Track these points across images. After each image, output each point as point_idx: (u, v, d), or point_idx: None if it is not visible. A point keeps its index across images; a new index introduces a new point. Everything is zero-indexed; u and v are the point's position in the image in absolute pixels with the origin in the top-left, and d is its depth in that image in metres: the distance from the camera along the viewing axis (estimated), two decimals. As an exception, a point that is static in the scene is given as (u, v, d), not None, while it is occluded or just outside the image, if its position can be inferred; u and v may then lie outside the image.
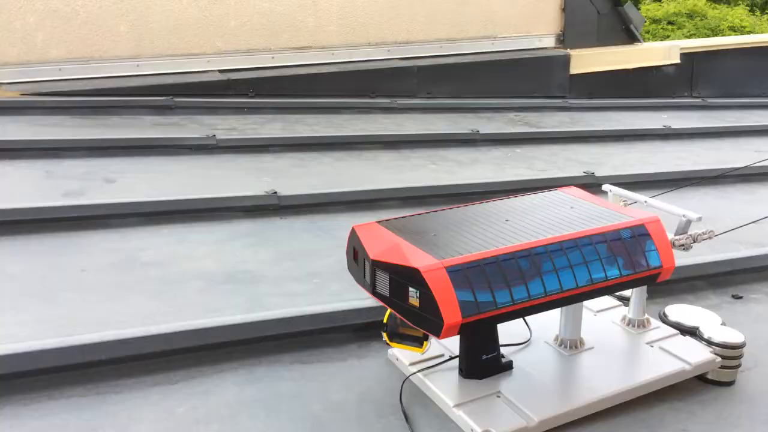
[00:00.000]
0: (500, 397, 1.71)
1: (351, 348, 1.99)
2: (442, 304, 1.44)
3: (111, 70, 5.43)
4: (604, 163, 4.56)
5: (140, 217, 2.89)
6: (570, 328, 1.91)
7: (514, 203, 1.87)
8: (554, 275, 1.57)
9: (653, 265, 1.70)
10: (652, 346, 1.93)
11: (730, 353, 1.91)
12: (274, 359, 1.90)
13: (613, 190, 2.06)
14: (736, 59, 7.63)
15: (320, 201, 3.17)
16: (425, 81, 6.30)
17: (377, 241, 1.62)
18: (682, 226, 1.87)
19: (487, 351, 1.76)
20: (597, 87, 7.06)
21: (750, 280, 2.69)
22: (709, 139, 5.53)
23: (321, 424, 1.63)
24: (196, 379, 1.78)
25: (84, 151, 3.82)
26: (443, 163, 4.33)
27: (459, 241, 1.60)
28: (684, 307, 2.14)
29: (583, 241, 1.63)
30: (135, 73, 5.49)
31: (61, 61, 5.34)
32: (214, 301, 2.21)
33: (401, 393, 1.76)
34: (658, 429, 1.71)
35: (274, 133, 4.55)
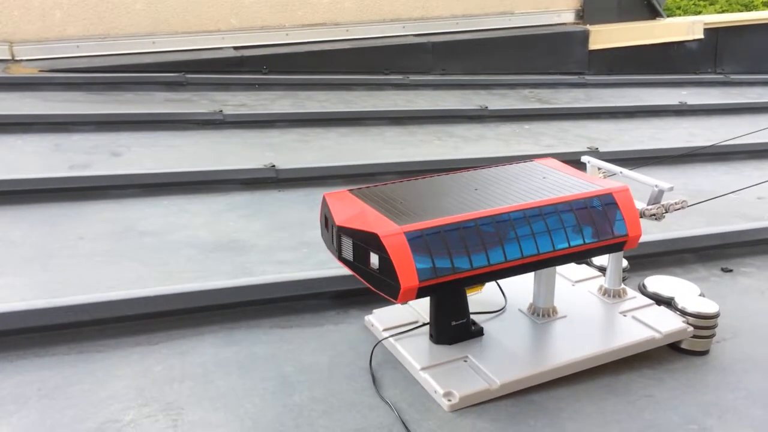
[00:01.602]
0: (467, 361, 1.75)
1: (329, 314, 2.05)
2: (400, 268, 1.48)
3: (127, 47, 5.52)
4: (613, 139, 4.52)
5: (140, 189, 2.97)
6: (543, 296, 1.94)
7: (487, 173, 1.89)
8: (516, 242, 1.60)
9: (619, 234, 1.71)
10: (625, 316, 1.95)
11: (704, 323, 1.92)
12: (254, 323, 1.96)
13: (591, 161, 2.07)
14: (762, 35, 7.45)
15: (318, 174, 3.22)
16: (440, 57, 6.28)
17: (344, 208, 1.66)
18: (654, 196, 1.88)
19: (456, 317, 1.80)
20: (617, 63, 6.96)
21: (742, 253, 2.68)
22: (726, 116, 5.45)
23: (290, 383, 1.69)
24: (176, 340, 1.85)
25: (93, 126, 3.91)
26: (449, 139, 4.34)
27: (424, 209, 1.63)
28: (664, 278, 2.15)
29: (548, 209, 1.65)
30: (150, 50, 5.58)
31: (78, 38, 5.45)
32: (202, 268, 2.28)
33: (371, 356, 1.81)
34: (623, 395, 1.74)
35: (280, 109, 4.60)
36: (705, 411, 1.68)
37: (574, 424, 1.61)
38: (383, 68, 6.07)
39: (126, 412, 1.54)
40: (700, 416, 1.66)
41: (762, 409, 1.70)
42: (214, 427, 1.52)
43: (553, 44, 6.69)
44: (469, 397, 1.64)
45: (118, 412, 1.54)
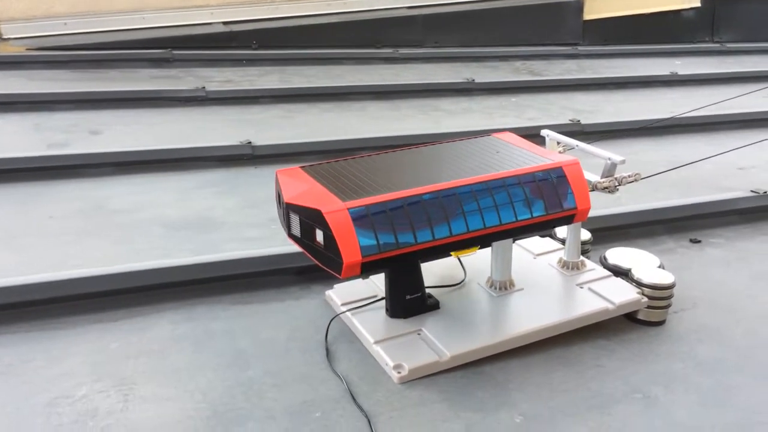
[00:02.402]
0: (420, 334, 1.77)
1: (292, 290, 2.07)
2: (342, 243, 1.49)
3: (115, 24, 5.50)
4: (599, 111, 4.50)
5: (114, 167, 2.99)
6: (499, 269, 1.95)
7: (442, 148, 1.90)
8: (462, 217, 1.61)
9: (568, 207, 1.72)
10: (581, 287, 1.97)
11: (659, 294, 1.94)
12: (215, 300, 1.98)
13: (550, 134, 2.07)
14: (760, 2, 7.35)
15: (294, 151, 3.23)
16: (432, 30, 6.23)
17: (294, 185, 1.67)
18: (607, 169, 1.88)
19: (411, 291, 1.82)
20: (612, 33, 6.89)
21: (713, 225, 2.68)
22: (716, 86, 5.39)
23: (244, 358, 1.72)
24: (136, 317, 1.88)
25: (74, 104, 3.92)
26: (433, 112, 4.33)
27: (372, 185, 1.64)
28: (625, 250, 2.16)
29: (495, 183, 1.66)
30: (139, 26, 5.56)
31: (66, 15, 5.43)
32: (169, 246, 2.31)
33: (327, 330, 1.84)
34: (573, 364, 1.76)
35: (265, 85, 4.58)
36: (652, 380, 1.70)
37: (521, 395, 1.63)
38: (374, 42, 6.03)
39: (79, 388, 1.58)
40: (647, 385, 1.68)
41: (709, 377, 1.72)
42: (164, 401, 1.55)
43: (547, 15, 6.62)
44: (419, 369, 1.66)
45: (71, 388, 1.58)
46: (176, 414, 1.50)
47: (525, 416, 1.56)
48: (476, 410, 1.57)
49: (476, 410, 1.57)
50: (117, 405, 1.53)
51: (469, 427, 1.51)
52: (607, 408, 1.60)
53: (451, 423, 1.52)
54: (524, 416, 1.56)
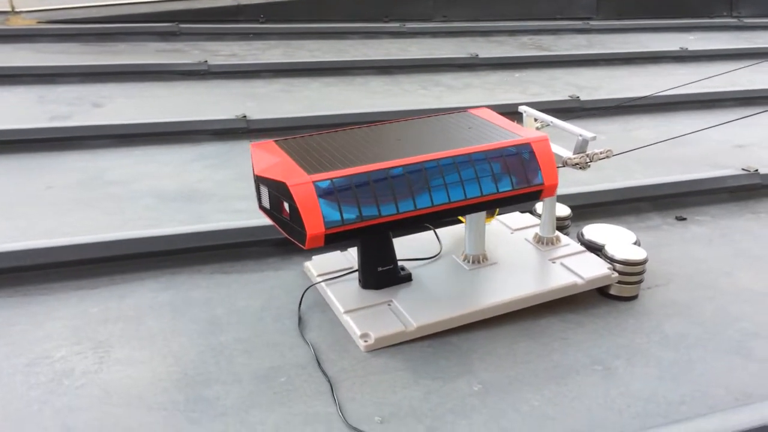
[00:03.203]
0: (390, 305, 1.82)
1: (272, 261, 2.13)
2: (306, 215, 1.54)
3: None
4: (602, 87, 4.48)
5: (114, 139, 3.05)
6: (473, 243, 1.99)
7: (415, 123, 1.93)
8: (427, 192, 1.65)
9: (535, 182, 1.75)
10: (554, 262, 2.00)
11: (631, 270, 1.96)
12: (196, 269, 2.05)
13: (527, 111, 2.09)
14: (782, -24, 7.19)
15: (289, 125, 3.26)
16: (441, 4, 6.20)
17: (265, 158, 1.72)
18: (579, 146, 1.90)
19: (382, 263, 1.87)
20: (627, 8, 6.80)
21: (701, 202, 2.69)
22: (727, 62, 5.32)
23: (218, 325, 1.79)
24: (117, 284, 1.95)
25: (80, 77, 3.99)
26: (434, 88, 4.34)
27: (341, 159, 1.68)
28: (603, 226, 2.18)
29: (462, 158, 1.69)
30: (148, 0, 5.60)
31: (77, -12, 5.49)
32: (159, 216, 2.37)
33: (301, 300, 1.89)
34: (539, 337, 1.80)
35: (269, 59, 4.61)
36: (614, 353, 1.74)
37: (483, 364, 1.68)
38: (383, 16, 6.02)
39: (58, 350, 1.65)
40: (608, 358, 1.72)
41: (672, 351, 1.75)
42: (138, 363, 1.62)
43: (561, -11, 6.54)
44: (385, 339, 1.72)
45: (50, 350, 1.65)
46: (148, 376, 1.57)
47: (483, 384, 1.61)
48: (436, 378, 1.62)
49: (436, 378, 1.62)
50: (92, 366, 1.60)
51: (428, 394, 1.57)
52: (566, 378, 1.64)
53: (410, 389, 1.58)
54: (483, 384, 1.61)
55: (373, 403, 1.53)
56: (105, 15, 5.38)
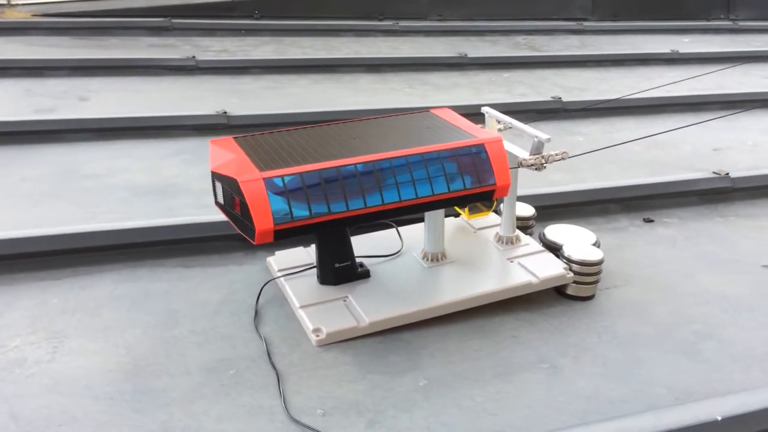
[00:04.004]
0: (345, 301, 1.85)
1: (236, 255, 2.16)
2: (255, 211, 1.57)
3: (120, -9, 5.58)
4: (590, 89, 4.49)
5: (94, 133, 3.09)
6: (431, 242, 2.02)
7: (375, 123, 1.95)
8: (378, 190, 1.67)
9: (487, 183, 1.77)
10: (512, 262, 2.03)
11: (587, 270, 1.99)
12: (159, 263, 2.08)
13: (489, 112, 2.11)
14: (781, -21, 7.19)
15: (268, 122, 3.28)
16: (437, 3, 6.22)
17: (222, 155, 1.74)
18: (534, 147, 1.92)
19: (340, 260, 1.89)
20: (623, 9, 6.81)
21: (670, 205, 2.71)
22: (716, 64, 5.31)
23: (175, 318, 1.82)
24: (80, 276, 1.98)
25: (67, 71, 4.03)
26: (421, 87, 4.36)
27: (296, 156, 1.71)
28: (565, 226, 2.21)
29: (414, 157, 1.72)
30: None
31: (73, -18, 5.52)
32: (130, 210, 2.40)
33: (259, 294, 1.92)
34: (490, 334, 1.83)
35: (258, 56, 4.64)
36: (562, 352, 1.76)
37: (432, 360, 1.71)
38: (378, 13, 6.04)
39: (13, 339, 1.69)
40: (556, 356, 1.74)
41: (620, 352, 1.78)
42: (90, 354, 1.65)
43: (556, -11, 6.55)
44: (337, 334, 1.74)
45: (5, 339, 1.69)
46: (99, 366, 1.61)
47: (429, 380, 1.63)
48: (384, 373, 1.65)
49: (384, 373, 1.65)
50: (45, 356, 1.63)
51: (373, 388, 1.59)
52: (511, 376, 1.67)
53: (356, 384, 1.61)
54: (429, 380, 1.63)
55: (318, 396, 1.56)
56: (101, 9, 5.42)
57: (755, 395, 1.52)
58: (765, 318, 1.94)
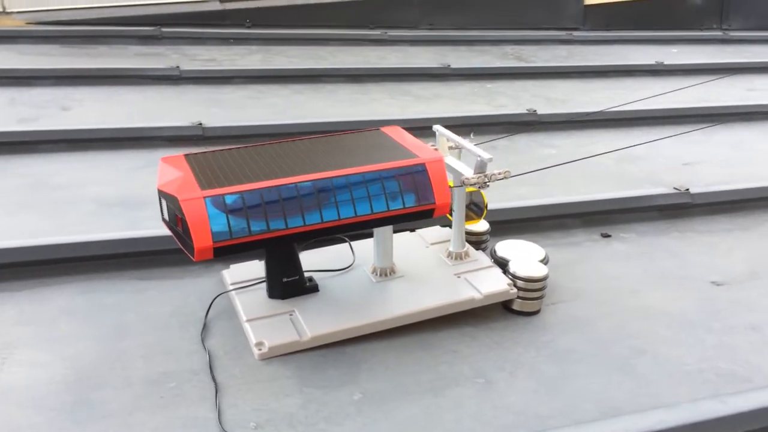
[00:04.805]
0: (292, 315, 1.91)
1: (194, 268, 2.22)
2: (194, 229, 1.63)
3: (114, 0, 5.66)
4: (570, 100, 4.54)
5: (68, 144, 3.15)
6: (380, 257, 2.07)
7: (324, 141, 2.01)
8: (317, 209, 1.73)
9: (426, 202, 1.82)
10: (458, 277, 2.08)
11: (531, 286, 2.04)
12: (117, 275, 2.14)
13: (440, 130, 2.16)
14: (774, -11, 7.21)
15: (243, 133, 3.35)
16: (427, 12, 6.27)
17: (170, 172, 1.80)
18: (477, 166, 1.97)
19: (287, 274, 1.95)
20: (615, 19, 6.84)
21: (629, 219, 2.75)
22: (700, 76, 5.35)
23: (125, 330, 1.87)
24: (38, 288, 2.04)
25: (54, 80, 4.10)
26: (402, 97, 4.41)
27: (240, 175, 1.76)
28: (517, 242, 2.25)
29: (354, 177, 1.77)
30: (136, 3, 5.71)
31: (67, -10, 5.60)
32: (96, 222, 2.46)
33: (209, 307, 1.98)
34: (431, 348, 1.88)
35: (242, 65, 4.71)
36: (499, 366, 1.81)
37: (370, 374, 1.76)
38: (368, 23, 6.09)
39: (-36, 350, 1.75)
40: (492, 371, 1.79)
41: (556, 367, 1.82)
42: (37, 366, 1.71)
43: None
44: (279, 347, 1.80)
45: (-43, 350, 1.75)
46: (44, 378, 1.66)
47: (364, 394, 1.68)
48: (320, 387, 1.70)
49: (320, 387, 1.70)
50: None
51: (308, 402, 1.65)
52: (446, 390, 1.72)
53: (292, 397, 1.66)
54: (364, 394, 1.68)
55: (253, 409, 1.61)
56: (93, 17, 5.50)
57: (672, 413, 1.56)
58: (704, 334, 1.99)
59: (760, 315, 2.11)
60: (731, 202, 2.86)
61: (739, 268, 2.39)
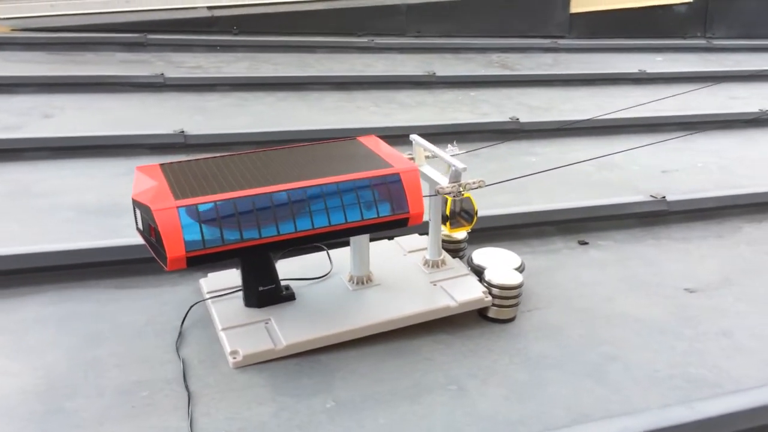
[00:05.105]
0: (267, 324, 1.92)
1: (171, 276, 2.22)
2: (167, 239, 1.64)
3: (100, 6, 5.67)
4: (553, 108, 4.58)
5: (50, 152, 3.15)
6: (357, 265, 2.08)
7: (300, 151, 2.02)
8: (291, 218, 1.74)
9: (401, 211, 1.84)
10: (434, 285, 2.09)
11: (506, 294, 2.05)
12: (94, 283, 2.14)
13: (416, 140, 2.18)
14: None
15: (225, 141, 3.36)
16: (415, 19, 6.30)
17: (144, 182, 1.81)
18: (452, 176, 1.99)
19: (263, 283, 1.96)
20: (600, 27, 6.90)
21: (607, 227, 2.78)
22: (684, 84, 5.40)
23: (98, 339, 1.88)
24: (13, 297, 2.04)
25: (37, 88, 4.10)
26: (386, 105, 4.43)
27: (214, 185, 1.77)
28: (494, 250, 2.27)
29: (329, 187, 1.79)
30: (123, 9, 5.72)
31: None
32: (74, 230, 2.46)
33: (185, 316, 1.99)
34: (406, 357, 1.89)
35: (227, 72, 4.72)
36: (473, 373, 1.83)
37: (344, 382, 1.77)
38: (356, 30, 6.11)
39: (-64, 360, 1.75)
40: (465, 378, 1.81)
41: (528, 374, 1.84)
42: (8, 375, 1.71)
43: (533, 6, 6.64)
44: (254, 356, 1.81)
45: (-71, 360, 1.75)
46: (14, 387, 1.67)
47: (337, 402, 1.69)
48: (293, 395, 1.71)
49: (293, 395, 1.71)
50: (-34, 376, 1.69)
51: (281, 410, 1.65)
52: (419, 397, 1.73)
53: (265, 405, 1.67)
54: (336, 402, 1.69)
55: (225, 418, 1.62)
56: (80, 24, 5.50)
57: (639, 418, 1.58)
58: (674, 341, 2.01)
59: (732, 321, 2.14)
60: (707, 209, 2.89)
61: (713, 274, 2.42)
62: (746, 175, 3.43)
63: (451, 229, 2.09)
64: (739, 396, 1.71)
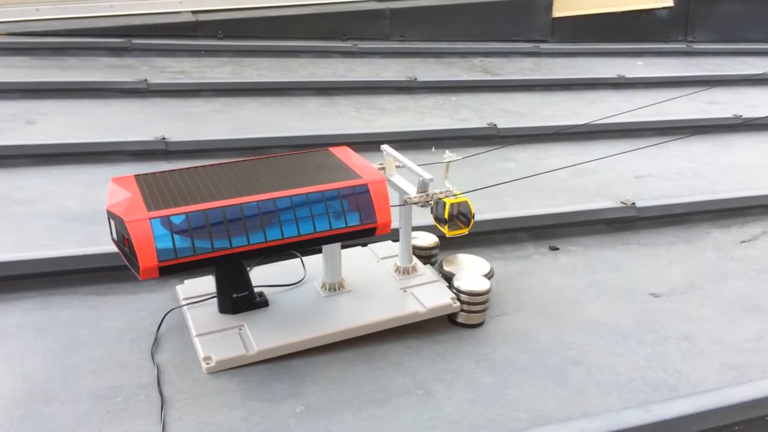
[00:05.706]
0: (241, 330, 1.97)
1: (149, 283, 2.27)
2: (139, 249, 1.69)
3: (85, 11, 5.68)
4: (532, 113, 4.64)
5: (32, 158, 3.19)
6: (329, 272, 2.14)
7: (273, 161, 2.07)
8: (260, 229, 1.80)
9: (369, 221, 1.90)
10: (405, 291, 2.15)
11: (474, 300, 2.12)
12: (73, 291, 2.19)
13: (387, 150, 2.24)
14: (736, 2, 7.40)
15: (206, 147, 3.41)
16: (399, 24, 6.35)
17: (118, 193, 1.86)
18: (420, 186, 2.05)
19: (237, 290, 2.01)
20: (582, 31, 6.98)
21: (579, 233, 2.84)
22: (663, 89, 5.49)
23: (77, 345, 1.93)
24: (-8, 305, 2.09)
25: (20, 93, 4.12)
26: (367, 111, 4.49)
27: (187, 196, 1.83)
28: (463, 256, 2.34)
29: (298, 198, 1.84)
30: (108, 14, 5.74)
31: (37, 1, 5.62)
32: (54, 237, 2.51)
33: (161, 322, 2.04)
34: (376, 361, 1.95)
35: (211, 78, 4.76)
36: (439, 378, 1.89)
37: (314, 387, 1.83)
38: (341, 34, 6.17)
39: None
40: (432, 382, 1.87)
41: (494, 377, 1.90)
42: (-14, 381, 1.76)
43: (516, 11, 6.71)
44: (226, 362, 1.86)
45: None
46: (-7, 393, 1.71)
47: (307, 406, 1.75)
48: (264, 400, 1.76)
49: (264, 400, 1.76)
50: (-56, 384, 1.74)
51: (251, 415, 1.71)
52: (386, 402, 1.79)
53: (236, 410, 1.72)
54: (306, 406, 1.75)
55: (197, 422, 1.67)
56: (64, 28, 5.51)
57: (595, 421, 1.65)
58: (637, 345, 2.08)
59: (694, 325, 2.21)
60: (676, 215, 2.97)
61: (678, 279, 2.49)
62: (720, 181, 3.51)
63: (450, 231, 2.13)
64: (693, 399, 1.78)
